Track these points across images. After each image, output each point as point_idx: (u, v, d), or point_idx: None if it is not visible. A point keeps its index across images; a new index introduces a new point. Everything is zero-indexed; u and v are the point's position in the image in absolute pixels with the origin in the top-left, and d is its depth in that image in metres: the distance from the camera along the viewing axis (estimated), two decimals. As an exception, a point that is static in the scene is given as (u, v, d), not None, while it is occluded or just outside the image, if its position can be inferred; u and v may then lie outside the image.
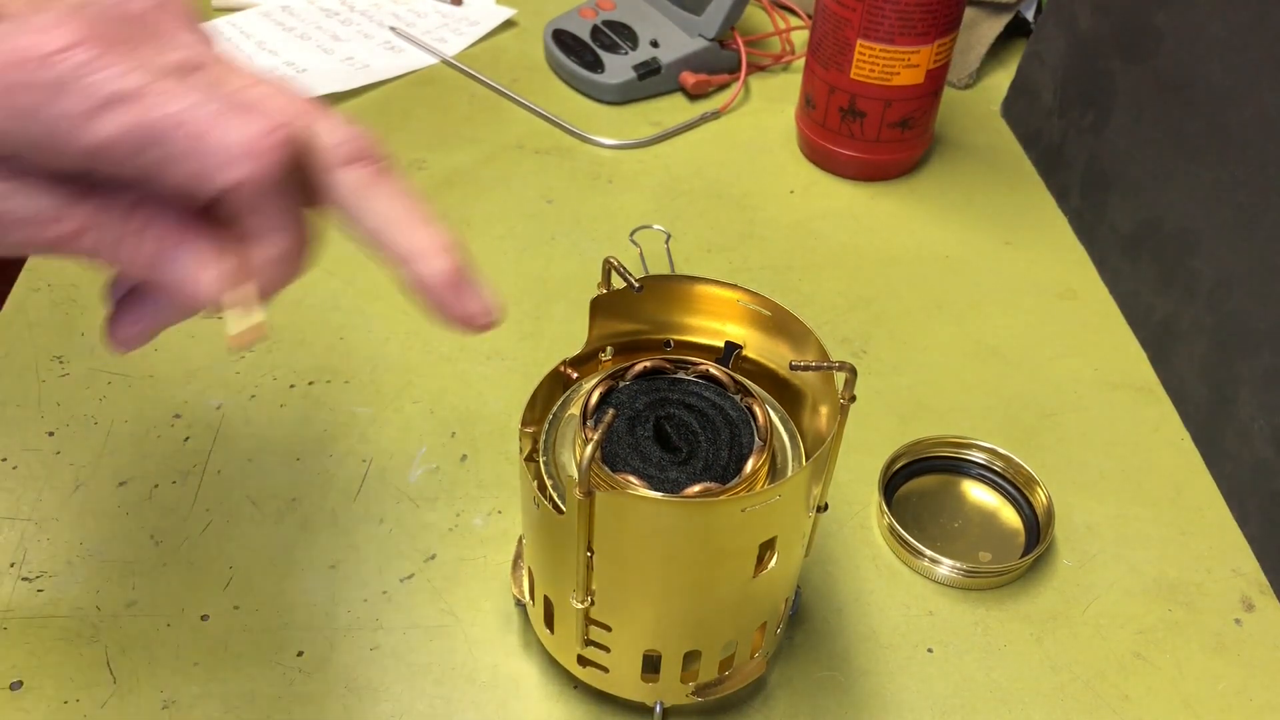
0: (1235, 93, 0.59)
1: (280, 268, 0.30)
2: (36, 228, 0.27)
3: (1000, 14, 0.89)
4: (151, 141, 0.26)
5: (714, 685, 0.44)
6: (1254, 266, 0.57)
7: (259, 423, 0.57)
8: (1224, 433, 0.57)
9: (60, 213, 0.27)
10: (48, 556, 0.51)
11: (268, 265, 0.30)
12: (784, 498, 0.38)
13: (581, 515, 0.37)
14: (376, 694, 0.46)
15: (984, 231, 0.74)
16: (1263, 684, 0.49)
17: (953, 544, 0.53)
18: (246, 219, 0.29)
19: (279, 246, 0.29)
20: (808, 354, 0.42)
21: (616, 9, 0.87)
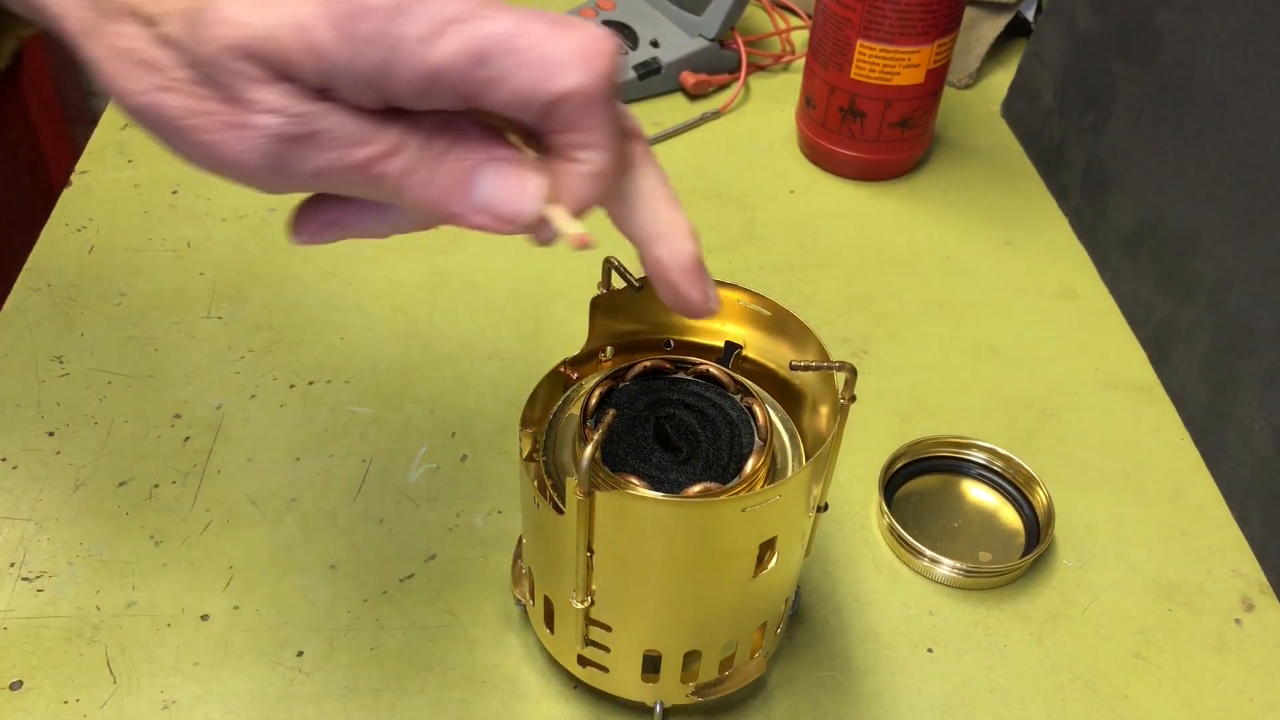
0: (1235, 93, 0.59)
1: (594, 184, 0.30)
2: (345, 149, 0.28)
3: (1000, 14, 0.89)
4: (487, 58, 0.27)
5: (714, 685, 0.44)
6: (1254, 266, 0.57)
7: (259, 423, 0.57)
8: (1224, 433, 0.57)
9: (370, 135, 0.28)
10: (48, 556, 0.51)
11: (583, 182, 0.30)
12: (784, 498, 0.38)
13: (581, 515, 0.37)
14: (376, 694, 0.46)
15: (984, 231, 0.74)
16: (1263, 684, 0.49)
17: (953, 544, 0.53)
18: (566, 135, 0.29)
19: (596, 163, 0.30)
20: (808, 354, 0.42)
21: (616, 9, 0.87)
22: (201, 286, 0.65)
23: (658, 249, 0.33)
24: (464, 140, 0.30)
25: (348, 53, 0.27)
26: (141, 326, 0.62)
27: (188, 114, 0.28)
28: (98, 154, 0.76)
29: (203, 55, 0.27)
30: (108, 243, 0.68)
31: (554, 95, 0.28)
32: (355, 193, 0.30)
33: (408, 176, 0.29)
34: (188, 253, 0.68)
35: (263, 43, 0.27)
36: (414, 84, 0.28)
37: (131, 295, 0.64)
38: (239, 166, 0.28)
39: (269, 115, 0.27)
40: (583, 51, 0.28)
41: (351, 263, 0.68)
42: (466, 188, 0.30)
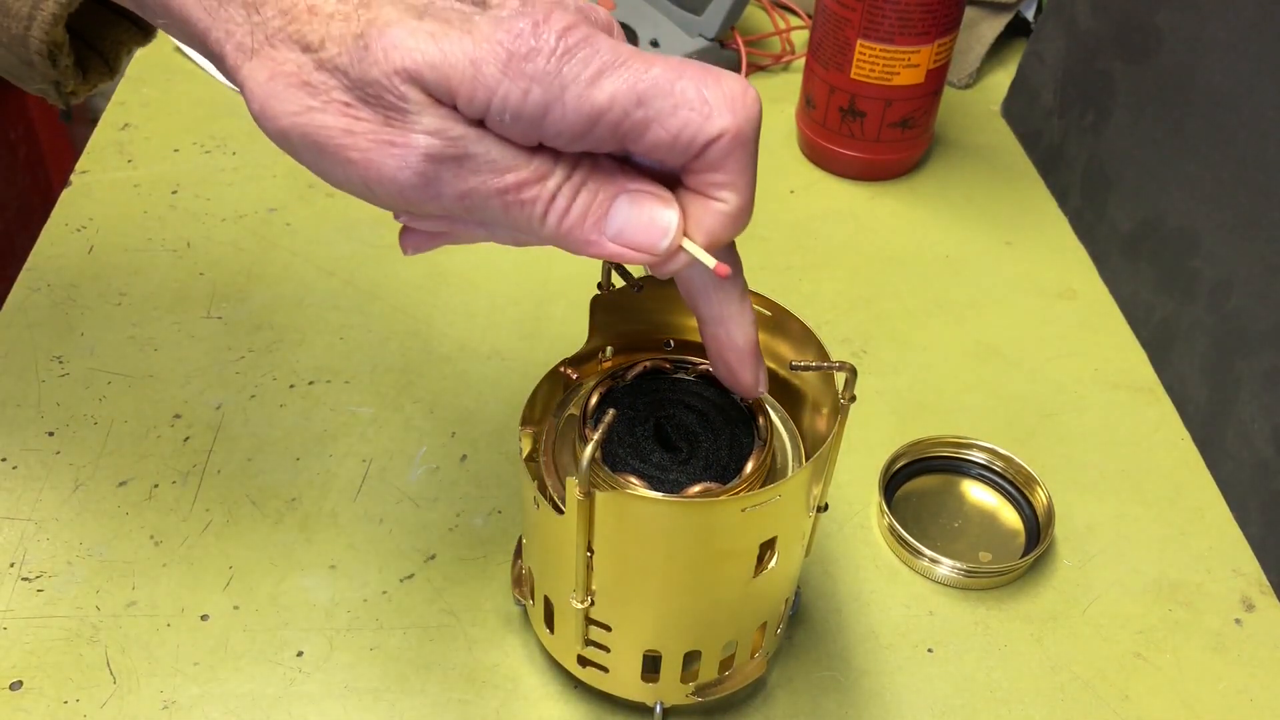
0: (1235, 93, 0.59)
1: (730, 223, 0.32)
2: (495, 173, 0.30)
3: (1000, 14, 0.89)
4: (647, 99, 0.29)
5: (714, 685, 0.44)
6: (1254, 266, 0.57)
7: (259, 423, 0.57)
8: (1224, 433, 0.57)
9: (519, 162, 0.30)
10: (48, 556, 0.51)
11: (720, 220, 0.32)
12: (784, 498, 0.38)
13: (581, 515, 0.37)
14: (376, 694, 0.46)
15: (984, 231, 0.74)
16: (1263, 684, 0.49)
17: (953, 544, 0.53)
18: (710, 175, 0.31)
19: (735, 204, 0.32)
20: (808, 354, 0.42)
21: (616, 9, 0.87)
22: (201, 286, 0.65)
23: (723, 329, 0.35)
24: (601, 172, 0.31)
25: (516, 89, 0.28)
26: (141, 326, 0.62)
27: (342, 133, 0.29)
28: (98, 154, 0.76)
29: (367, 77, 0.29)
30: (108, 243, 0.68)
31: (711, 135, 0.30)
32: (493, 219, 0.31)
33: (551, 204, 0.30)
34: (188, 253, 0.68)
35: (430, 70, 0.28)
36: (576, 123, 0.29)
37: (131, 295, 0.64)
38: (391, 183, 0.30)
39: (426, 135, 0.29)
40: (737, 97, 0.30)
41: (351, 263, 0.68)
42: (603, 218, 0.31)
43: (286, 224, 0.70)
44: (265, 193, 0.73)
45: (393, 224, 0.34)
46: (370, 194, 0.31)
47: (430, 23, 0.29)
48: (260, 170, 0.75)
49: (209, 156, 0.76)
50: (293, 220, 0.70)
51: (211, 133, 0.78)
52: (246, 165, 0.75)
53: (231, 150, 0.76)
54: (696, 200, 0.32)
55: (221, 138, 0.78)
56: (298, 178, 0.74)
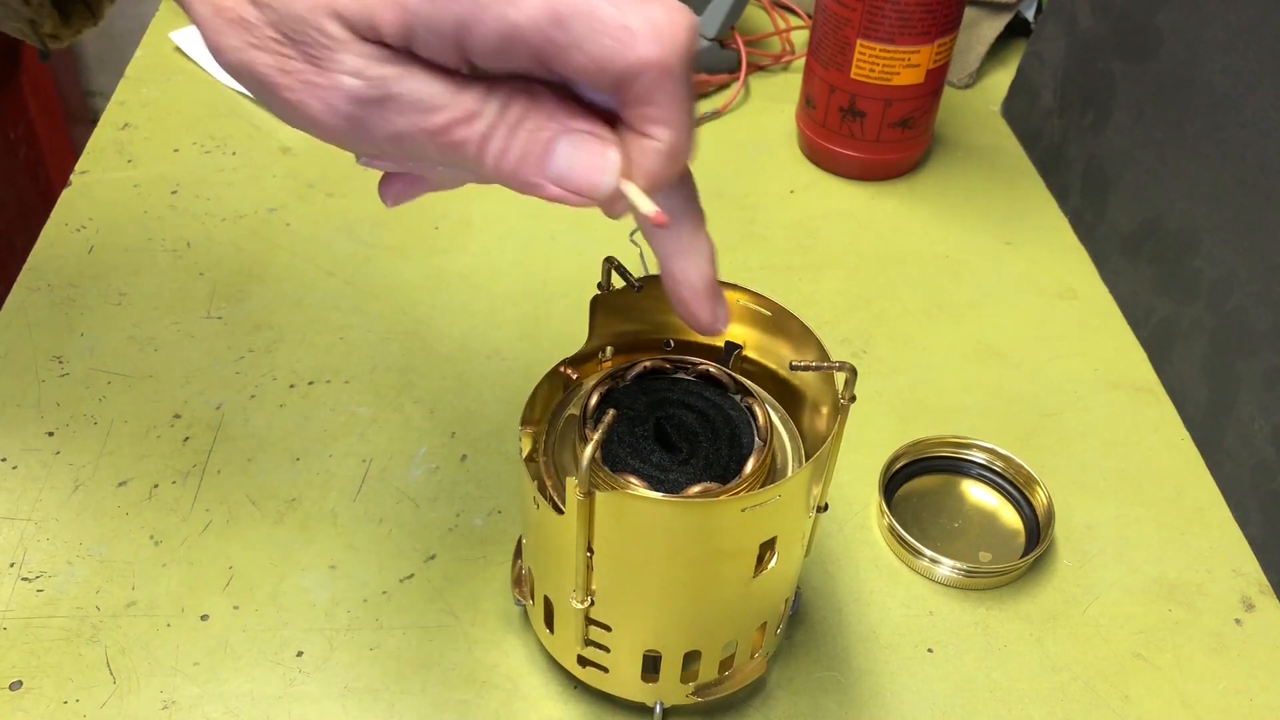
0: (1235, 93, 0.59)
1: (666, 161, 0.30)
2: (422, 114, 0.29)
3: (1000, 14, 0.89)
4: (566, 21, 0.28)
5: (714, 685, 0.44)
6: (1254, 266, 0.57)
7: (259, 423, 0.57)
8: (1224, 433, 0.57)
9: (446, 99, 0.29)
10: (48, 556, 0.51)
11: (655, 158, 0.30)
12: (784, 498, 0.38)
13: (581, 515, 0.37)
14: (376, 694, 0.46)
15: (984, 231, 0.74)
16: (1263, 684, 0.49)
17: (953, 544, 0.53)
18: (639, 109, 0.30)
19: (668, 140, 0.30)
20: (808, 354, 0.42)
21: (616, 9, 0.87)
22: (201, 286, 0.65)
23: (676, 264, 0.34)
24: (541, 110, 0.30)
25: (433, 8, 0.28)
26: (141, 326, 0.62)
27: (275, 71, 0.29)
28: (98, 154, 0.76)
29: (292, 13, 0.28)
30: (108, 243, 0.68)
31: (630, 64, 0.28)
32: (434, 160, 0.31)
33: (485, 144, 0.30)
34: (188, 253, 0.68)
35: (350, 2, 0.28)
36: (493, 40, 0.28)
37: (131, 295, 0.64)
38: (321, 126, 0.30)
39: (348, 76, 0.28)
40: (662, 23, 0.28)
41: (351, 263, 0.68)
42: (544, 158, 0.30)
43: (286, 224, 0.70)
44: (265, 193, 0.73)
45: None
46: (313, 134, 0.30)
47: None
48: (260, 170, 0.75)
49: (209, 156, 0.76)
50: (293, 220, 0.70)
51: (211, 133, 0.78)
52: (246, 165, 0.75)
53: (231, 150, 0.76)
54: (633, 138, 0.30)
55: (221, 138, 0.78)
56: (298, 178, 0.74)
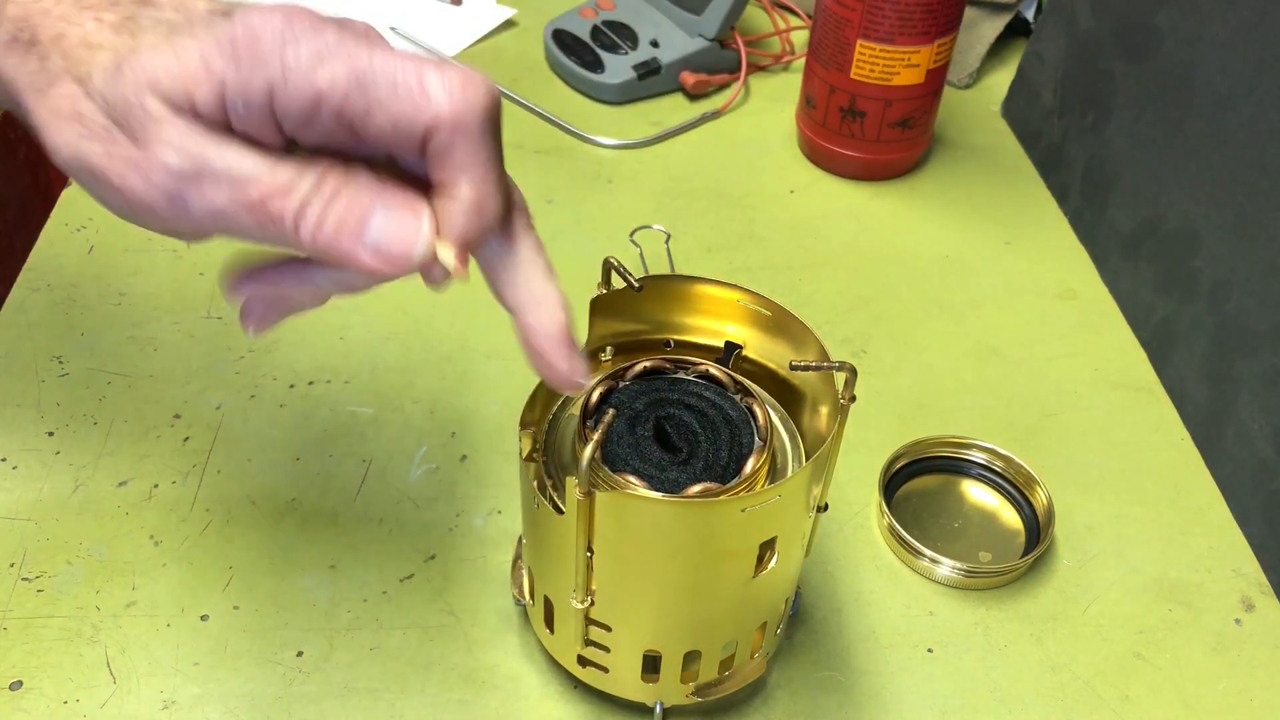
0: (1235, 93, 0.59)
1: (469, 218, 0.31)
2: (239, 187, 0.29)
3: (1000, 14, 0.89)
4: (368, 83, 0.29)
5: (714, 685, 0.44)
6: (1254, 266, 0.57)
7: (259, 423, 0.57)
8: (1224, 433, 0.57)
9: (262, 171, 0.30)
10: (48, 556, 0.51)
11: (459, 216, 0.31)
12: (784, 498, 0.38)
13: (581, 515, 0.37)
14: (376, 694, 0.46)
15: (984, 231, 0.74)
16: (1263, 684, 0.49)
17: (953, 544, 0.53)
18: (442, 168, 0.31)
19: (470, 197, 0.31)
20: (808, 354, 0.42)
21: (616, 9, 0.87)
22: (201, 286, 0.65)
23: (528, 317, 0.34)
24: (355, 183, 0.31)
25: (241, 75, 0.29)
26: (141, 326, 0.62)
27: (103, 157, 0.30)
28: (98, 154, 0.75)
29: (118, 95, 0.29)
30: (108, 243, 0.68)
31: (426, 122, 0.29)
32: (256, 238, 0.31)
33: (301, 216, 0.30)
34: (188, 253, 0.68)
35: (167, 76, 0.29)
36: (300, 104, 0.29)
37: (131, 295, 0.64)
38: (143, 205, 0.30)
39: (168, 150, 0.29)
40: (456, 83, 0.29)
41: (351, 263, 0.67)
42: (359, 228, 0.30)
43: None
44: (265, 193, 0.73)
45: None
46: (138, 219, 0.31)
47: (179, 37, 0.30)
48: (260, 170, 0.75)
49: (209, 156, 0.76)
50: (293, 220, 0.70)
51: (211, 133, 0.78)
52: (246, 165, 0.75)
53: (231, 150, 0.76)
54: (438, 199, 0.31)
55: (221, 138, 0.77)
56: (298, 178, 0.74)
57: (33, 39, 0.31)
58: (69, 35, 0.31)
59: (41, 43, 0.31)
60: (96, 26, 0.31)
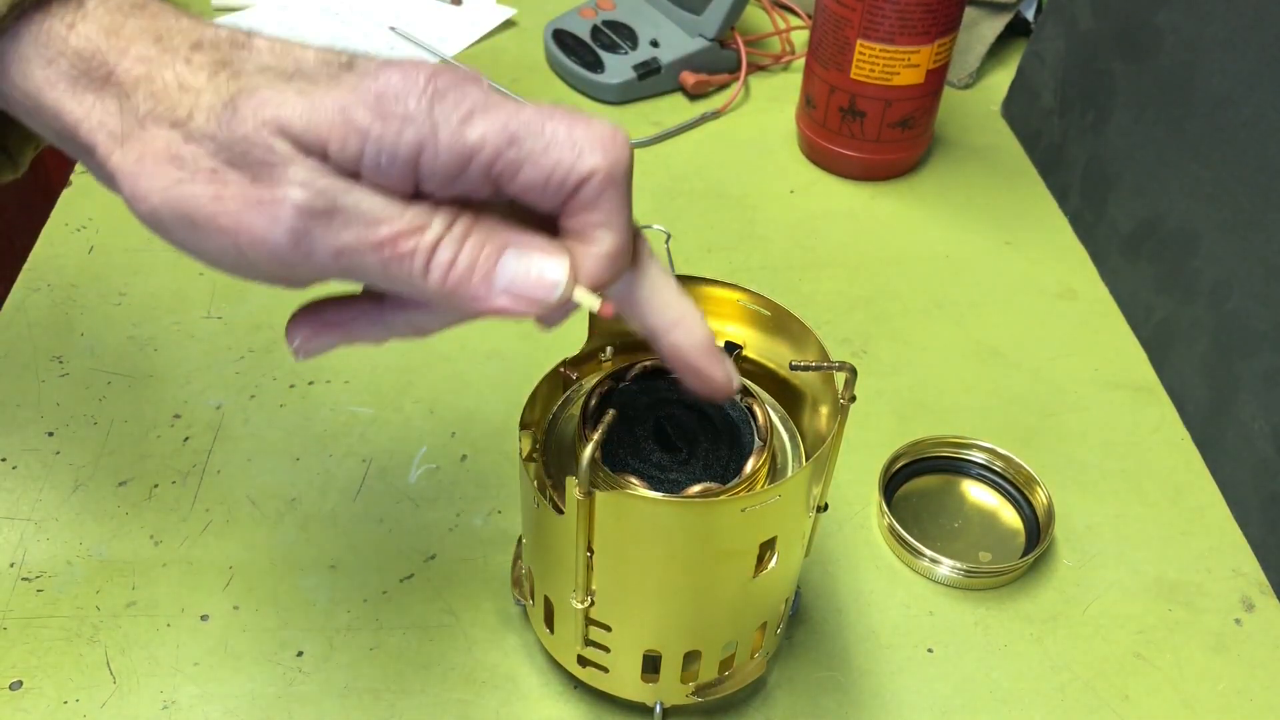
0: (1235, 93, 0.59)
1: (609, 264, 0.31)
2: (368, 226, 0.29)
3: (1000, 14, 0.89)
4: (519, 139, 0.29)
5: (714, 685, 0.44)
6: (1254, 266, 0.57)
7: (259, 423, 0.57)
8: (1224, 433, 0.57)
9: (393, 212, 0.29)
10: (48, 556, 0.51)
11: (599, 262, 0.31)
12: (784, 498, 0.38)
13: (581, 515, 0.37)
14: (376, 694, 0.46)
15: (984, 231, 0.74)
16: (1263, 684, 0.49)
17: (953, 544, 0.53)
18: (584, 216, 0.31)
19: (612, 244, 0.31)
20: (808, 354, 0.42)
21: (616, 9, 0.87)
22: (201, 286, 0.65)
23: (675, 335, 0.34)
24: (485, 225, 0.31)
25: (389, 131, 0.28)
26: (141, 326, 0.62)
27: (208, 200, 0.29)
28: (98, 154, 0.75)
29: (235, 135, 0.28)
30: (108, 243, 0.68)
31: (580, 174, 0.30)
32: (376, 280, 0.30)
33: (432, 256, 0.30)
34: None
35: (299, 119, 0.28)
36: (450, 162, 0.29)
37: (131, 295, 0.64)
38: (263, 244, 0.29)
39: (296, 188, 0.28)
40: (606, 137, 0.30)
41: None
42: (491, 271, 0.30)
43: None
44: (265, 193, 0.73)
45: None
46: (247, 263, 0.30)
47: (299, 83, 0.29)
48: (260, 170, 0.75)
49: (209, 156, 0.76)
50: (293, 220, 0.70)
51: (211, 133, 0.78)
52: (246, 165, 0.75)
53: (231, 150, 0.76)
54: (575, 244, 0.31)
55: (221, 138, 0.77)
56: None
57: (108, 78, 0.30)
58: (158, 77, 0.29)
59: (121, 82, 0.29)
60: (187, 69, 0.29)
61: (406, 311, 0.33)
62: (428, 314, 0.33)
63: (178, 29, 0.30)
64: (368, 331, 0.34)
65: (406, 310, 0.33)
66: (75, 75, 0.30)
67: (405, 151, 0.28)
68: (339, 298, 0.33)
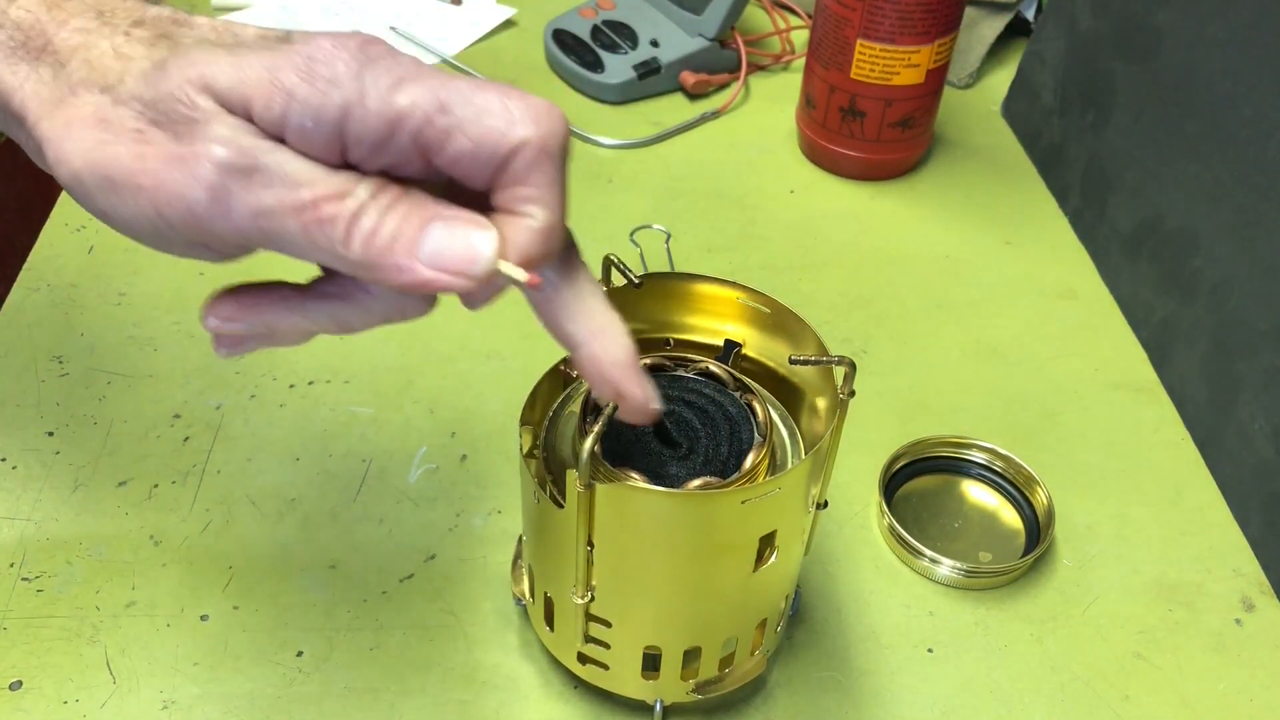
0: (1235, 93, 0.59)
1: (540, 239, 0.31)
2: (290, 188, 0.28)
3: (1000, 14, 0.89)
4: (449, 106, 0.29)
5: (714, 683, 0.44)
6: (1254, 266, 0.57)
7: (259, 423, 0.57)
8: (1224, 433, 0.57)
9: (316, 175, 0.29)
10: (48, 556, 0.51)
11: (530, 236, 0.31)
12: (784, 490, 0.38)
13: (581, 508, 0.37)
14: (376, 694, 0.46)
15: (984, 231, 0.74)
16: (1263, 684, 0.48)
17: (953, 544, 0.53)
18: (515, 189, 0.30)
19: (544, 219, 0.31)
20: (807, 350, 0.42)
21: (616, 9, 0.87)
22: (201, 286, 0.65)
23: (594, 346, 0.33)
24: (412, 196, 0.30)
25: (314, 92, 0.28)
26: (141, 326, 0.62)
27: (130, 158, 0.28)
28: (98, 154, 0.75)
29: (161, 93, 0.28)
30: (108, 243, 0.68)
31: (511, 143, 0.29)
32: (297, 247, 0.30)
33: (355, 222, 0.29)
34: (188, 253, 0.68)
35: (225, 77, 0.28)
36: (378, 127, 0.28)
37: (131, 295, 0.64)
38: (181, 202, 0.28)
39: (216, 145, 0.28)
40: (540, 109, 0.30)
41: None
42: (416, 239, 0.29)
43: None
44: (265, 193, 0.73)
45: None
46: (166, 225, 0.29)
47: (236, 50, 0.29)
48: (260, 171, 0.75)
49: (209, 157, 0.76)
50: (293, 220, 0.70)
51: (212, 133, 0.78)
52: (246, 166, 0.75)
53: (232, 151, 0.76)
54: (505, 219, 0.31)
55: (222, 138, 0.78)
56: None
57: (44, 48, 0.30)
58: (95, 46, 0.29)
59: (58, 51, 0.30)
60: (126, 40, 0.30)
61: (330, 303, 0.32)
62: (352, 307, 0.32)
63: (121, 7, 0.31)
64: (287, 320, 0.33)
65: (330, 301, 0.32)
66: (13, 46, 0.30)
67: (331, 114, 0.28)
68: (261, 283, 0.33)
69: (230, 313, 0.33)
